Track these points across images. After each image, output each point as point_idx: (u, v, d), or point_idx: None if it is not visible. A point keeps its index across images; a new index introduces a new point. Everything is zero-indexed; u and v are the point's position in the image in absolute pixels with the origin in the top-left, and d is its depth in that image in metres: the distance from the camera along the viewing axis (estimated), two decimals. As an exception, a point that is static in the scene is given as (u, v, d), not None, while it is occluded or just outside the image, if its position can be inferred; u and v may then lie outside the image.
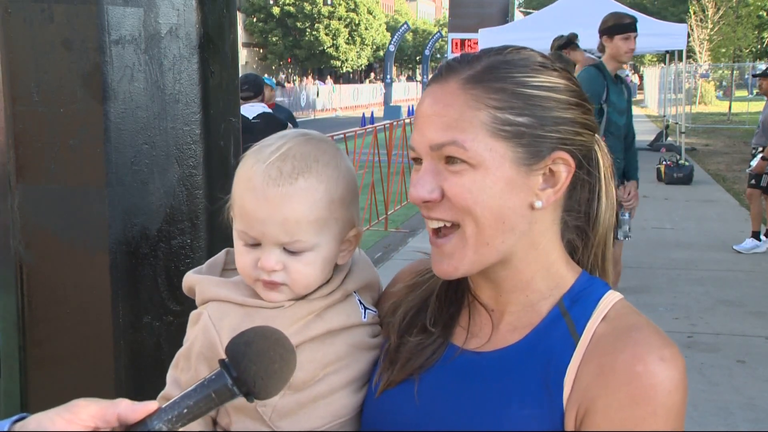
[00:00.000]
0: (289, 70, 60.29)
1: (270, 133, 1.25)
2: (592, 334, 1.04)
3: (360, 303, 1.23)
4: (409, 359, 1.13)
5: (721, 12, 33.27)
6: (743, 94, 33.98)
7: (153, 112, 1.55)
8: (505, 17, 19.38)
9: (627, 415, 0.97)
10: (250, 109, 5.73)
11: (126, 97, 1.53)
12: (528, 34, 11.75)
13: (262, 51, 58.11)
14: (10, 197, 1.58)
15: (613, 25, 5.01)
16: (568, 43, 6.79)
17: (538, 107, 1.04)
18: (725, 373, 5.02)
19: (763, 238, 8.31)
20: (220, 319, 1.15)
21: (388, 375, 1.14)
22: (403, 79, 66.65)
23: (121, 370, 1.56)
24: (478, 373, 1.09)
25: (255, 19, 56.17)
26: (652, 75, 32.68)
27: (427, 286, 1.21)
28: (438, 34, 44.85)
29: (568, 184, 1.09)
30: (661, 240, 8.74)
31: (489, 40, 13.02)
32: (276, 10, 55.28)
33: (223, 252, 1.28)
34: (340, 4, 56.75)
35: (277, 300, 1.16)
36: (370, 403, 1.17)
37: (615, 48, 5.00)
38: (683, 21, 24.35)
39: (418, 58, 65.94)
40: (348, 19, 57.54)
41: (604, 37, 5.05)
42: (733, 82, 33.49)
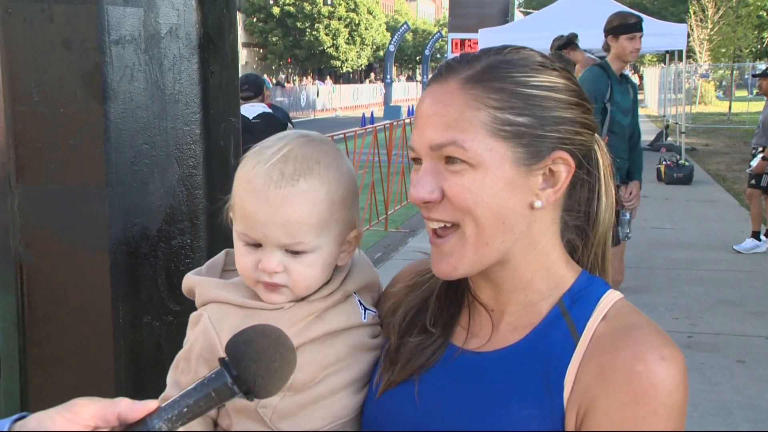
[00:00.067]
0: (289, 70, 60.29)
1: (270, 133, 1.25)
2: (592, 334, 1.04)
3: (360, 304, 1.23)
4: (410, 360, 1.13)
5: (721, 12, 33.28)
6: (743, 94, 33.98)
7: (153, 112, 1.55)
8: (505, 17, 19.38)
9: (628, 414, 0.97)
10: (250, 109, 5.73)
11: (126, 97, 1.53)
12: (528, 34, 11.75)
13: (262, 51, 58.10)
14: (10, 197, 1.58)
15: (618, 25, 5.00)
16: (568, 43, 6.79)
17: (537, 107, 1.04)
18: (725, 373, 5.02)
19: (763, 238, 8.31)
20: (220, 320, 1.15)
21: (388, 375, 1.14)
22: (403, 79, 66.66)
23: (121, 370, 1.56)
24: (478, 374, 1.09)
25: (255, 19, 56.17)
26: (652, 75, 32.68)
27: (427, 287, 1.21)
28: (438, 34, 44.85)
29: (568, 184, 1.09)
30: (661, 240, 8.74)
31: (489, 40, 13.01)
32: (276, 10, 55.28)
33: (222, 253, 1.28)
34: (340, 4, 56.74)
35: (278, 302, 1.16)
36: (371, 403, 1.17)
37: (620, 48, 4.99)
38: (683, 21, 24.36)
39: (418, 58, 65.95)
40: (348, 19, 57.54)
41: (609, 37, 5.03)
42: (733, 82, 33.48)
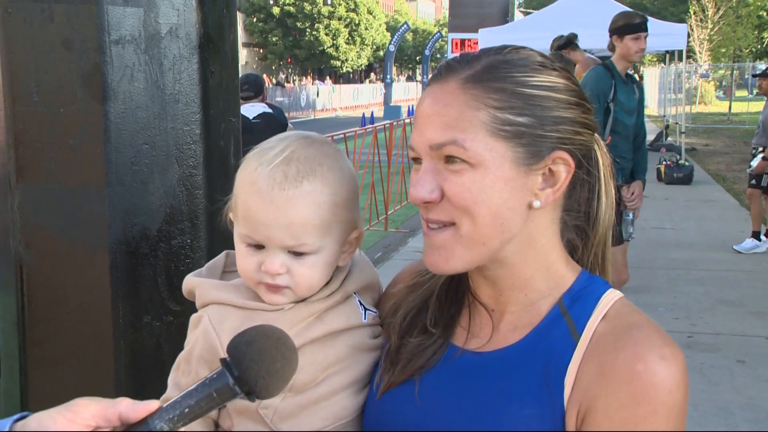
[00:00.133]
0: (289, 70, 60.29)
1: (270, 133, 1.25)
2: (592, 333, 1.04)
3: (360, 304, 1.23)
4: (410, 360, 1.13)
5: (721, 12, 33.28)
6: (743, 94, 33.98)
7: (153, 112, 1.55)
8: (505, 17, 19.38)
9: (628, 414, 0.97)
10: (250, 109, 5.72)
11: (126, 97, 1.53)
12: (528, 34, 11.75)
13: (262, 51, 58.10)
14: (10, 197, 1.58)
15: (623, 25, 4.98)
16: (567, 43, 6.80)
17: (537, 107, 1.04)
18: (725, 373, 5.02)
19: (763, 238, 8.31)
20: (221, 322, 1.15)
21: (389, 376, 1.14)
22: (403, 79, 66.66)
23: (121, 370, 1.56)
24: (478, 374, 1.09)
25: (255, 19, 56.18)
26: (652, 75, 32.68)
27: (428, 287, 1.21)
28: (438, 34, 44.85)
29: (568, 184, 1.09)
30: (661, 240, 8.74)
31: (489, 40, 13.01)
32: (276, 10, 55.28)
33: (222, 254, 1.28)
34: (340, 4, 56.75)
35: (280, 302, 1.16)
36: (372, 404, 1.16)
37: (625, 48, 4.97)
38: (683, 21, 24.36)
39: (418, 58, 65.95)
40: (348, 19, 57.54)
41: (614, 37, 5.02)
42: (733, 82, 33.48)
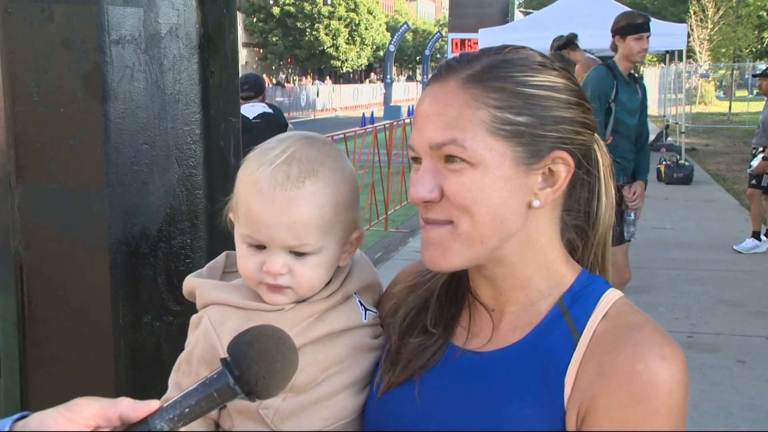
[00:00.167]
0: (289, 70, 60.29)
1: (270, 133, 1.25)
2: (592, 333, 1.04)
3: (360, 304, 1.23)
4: (410, 360, 1.13)
5: (721, 12, 33.29)
6: (743, 94, 33.98)
7: (153, 112, 1.55)
8: (505, 17, 19.38)
9: (628, 414, 0.97)
10: (250, 109, 5.72)
11: (126, 97, 1.53)
12: (528, 34, 11.74)
13: (262, 51, 58.11)
14: (10, 197, 1.58)
15: (625, 25, 4.98)
16: (567, 43, 6.80)
17: (537, 106, 1.04)
18: (725, 373, 5.02)
19: (763, 238, 8.31)
20: (221, 322, 1.15)
21: (389, 376, 1.14)
22: (403, 79, 66.66)
23: (121, 370, 1.56)
24: (478, 373, 1.09)
25: (255, 19, 56.18)
26: (652, 75, 32.67)
27: (428, 287, 1.21)
28: (438, 34, 44.85)
29: (568, 184, 1.09)
30: (661, 240, 8.74)
31: (489, 40, 13.01)
32: (276, 10, 55.29)
33: (222, 255, 1.28)
34: (340, 4, 56.75)
35: (281, 302, 1.16)
36: (372, 404, 1.17)
37: (627, 48, 4.97)
38: (683, 21, 24.36)
39: (418, 58, 65.95)
40: (348, 19, 57.54)
41: (617, 37, 5.02)
42: (734, 82, 33.48)
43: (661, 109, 25.60)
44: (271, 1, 55.83)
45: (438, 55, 58.26)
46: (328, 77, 59.12)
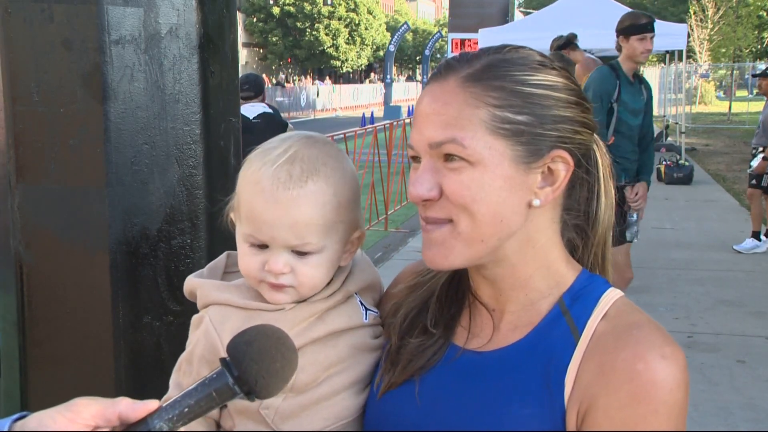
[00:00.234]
0: (289, 70, 60.29)
1: (270, 133, 1.25)
2: (592, 333, 1.04)
3: (361, 304, 1.23)
4: (411, 361, 1.13)
5: (721, 12, 33.27)
6: (743, 94, 33.97)
7: (153, 112, 1.55)
8: (505, 17, 19.38)
9: (628, 413, 0.97)
10: (250, 109, 5.72)
11: (126, 97, 1.53)
12: (528, 34, 11.74)
13: (262, 51, 58.11)
14: (10, 197, 1.58)
15: (629, 26, 4.98)
16: (567, 43, 6.80)
17: (537, 105, 1.04)
18: (725, 373, 5.02)
19: (763, 238, 8.31)
20: (222, 322, 1.15)
21: (389, 377, 1.14)
22: (403, 79, 66.66)
23: (121, 370, 1.56)
24: (479, 373, 1.09)
25: (255, 19, 56.19)
26: (652, 75, 32.66)
27: (428, 287, 1.21)
28: (438, 34, 44.83)
29: (567, 183, 1.09)
30: (661, 240, 8.74)
31: (489, 40, 13.01)
32: (276, 10, 55.29)
33: (223, 255, 1.28)
34: (340, 4, 56.76)
35: (282, 301, 1.16)
36: (372, 404, 1.17)
37: (631, 48, 4.97)
38: (683, 21, 24.35)
39: (418, 58, 65.96)
40: (348, 19, 57.55)
41: (621, 37, 5.01)
42: (734, 82, 33.47)
43: (661, 109, 25.60)
44: (271, 1, 55.83)
45: (438, 55, 58.24)
46: (327, 77, 59.13)
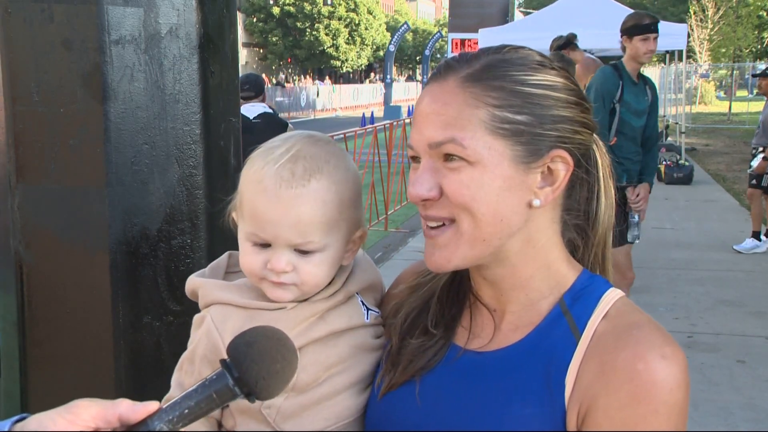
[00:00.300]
0: (289, 70, 60.29)
1: (271, 133, 1.25)
2: (593, 333, 1.04)
3: (362, 304, 1.24)
4: (411, 361, 1.13)
5: (721, 12, 33.27)
6: (743, 94, 33.97)
7: (153, 112, 1.55)
8: (505, 17, 19.37)
9: (628, 413, 0.97)
10: (250, 109, 5.71)
11: (126, 97, 1.52)
12: (528, 34, 11.74)
13: (262, 51, 58.12)
14: (10, 197, 1.57)
15: (632, 26, 4.97)
16: (567, 44, 6.79)
17: (536, 105, 1.04)
18: (725, 373, 5.02)
19: (763, 238, 8.31)
20: (223, 322, 1.15)
21: (390, 377, 1.14)
22: (403, 79, 66.66)
23: (121, 370, 1.56)
24: (479, 373, 1.09)
25: (255, 19, 56.18)
26: (652, 75, 32.65)
27: (429, 287, 1.21)
28: (438, 34, 44.83)
29: (567, 183, 1.09)
30: (661, 240, 8.74)
31: (489, 40, 13.01)
32: (276, 10, 55.29)
33: (225, 255, 1.28)
34: (340, 4, 56.76)
35: (284, 298, 1.16)
36: (373, 404, 1.17)
37: (634, 49, 4.96)
38: (683, 21, 24.37)
39: (418, 58, 65.97)
40: (348, 19, 57.55)
41: (624, 38, 5.00)
42: (734, 82, 33.46)
43: (661, 109, 25.60)
44: (271, 1, 55.83)
45: (438, 55, 58.23)
46: (327, 77, 59.13)
